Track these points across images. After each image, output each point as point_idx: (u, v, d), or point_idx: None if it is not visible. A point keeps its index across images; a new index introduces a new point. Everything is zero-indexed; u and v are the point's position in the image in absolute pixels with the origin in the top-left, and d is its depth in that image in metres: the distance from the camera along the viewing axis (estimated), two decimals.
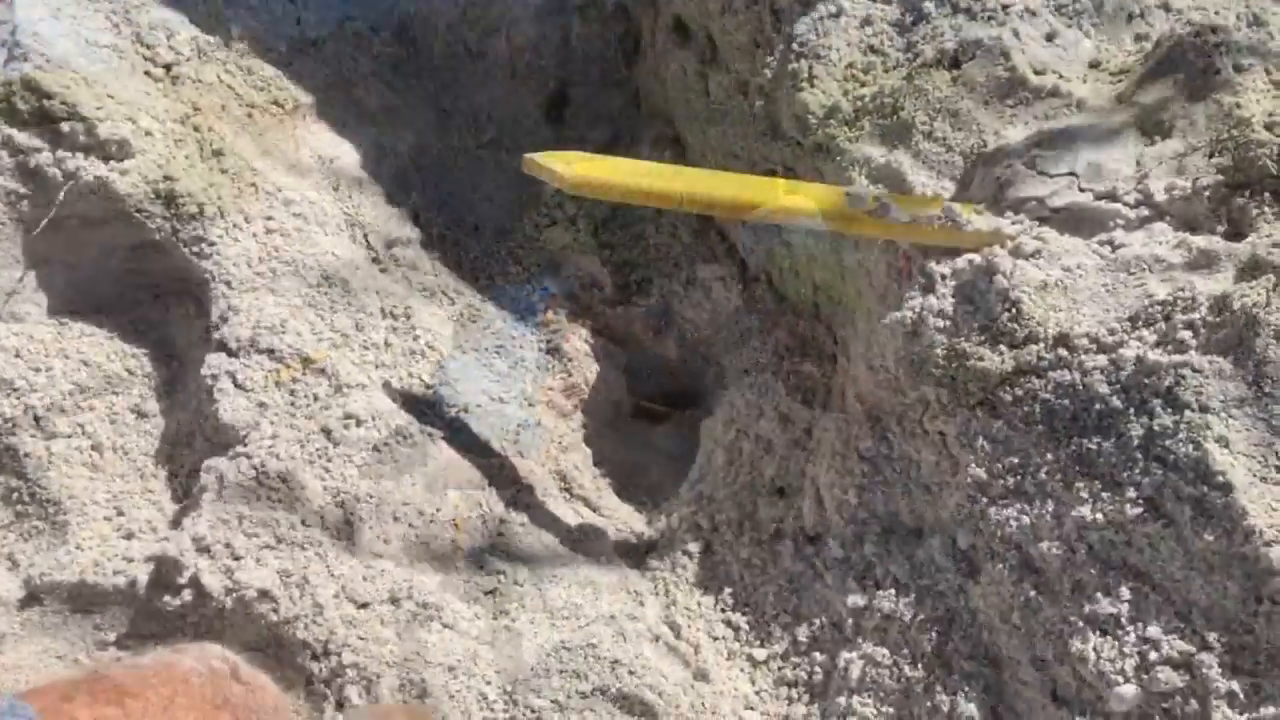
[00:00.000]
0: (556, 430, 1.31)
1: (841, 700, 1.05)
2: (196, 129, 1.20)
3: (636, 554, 1.21)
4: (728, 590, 1.16)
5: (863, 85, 1.20)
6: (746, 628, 1.13)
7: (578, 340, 1.36)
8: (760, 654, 1.12)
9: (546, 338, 1.36)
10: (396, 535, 1.07)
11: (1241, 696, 0.86)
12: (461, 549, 1.12)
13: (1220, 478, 0.88)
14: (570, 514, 1.23)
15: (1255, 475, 0.89)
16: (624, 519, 1.27)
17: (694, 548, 1.19)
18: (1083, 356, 0.97)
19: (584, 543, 1.20)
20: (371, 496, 1.08)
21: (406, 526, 1.09)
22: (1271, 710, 0.84)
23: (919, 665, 1.02)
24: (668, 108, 1.45)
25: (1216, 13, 1.16)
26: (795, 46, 1.23)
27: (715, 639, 1.13)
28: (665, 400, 1.43)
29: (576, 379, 1.35)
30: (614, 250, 1.41)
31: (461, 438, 1.20)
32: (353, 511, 1.07)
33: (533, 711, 1.01)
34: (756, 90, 1.27)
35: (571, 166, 1.08)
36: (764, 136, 1.26)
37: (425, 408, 1.19)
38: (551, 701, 1.01)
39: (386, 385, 1.17)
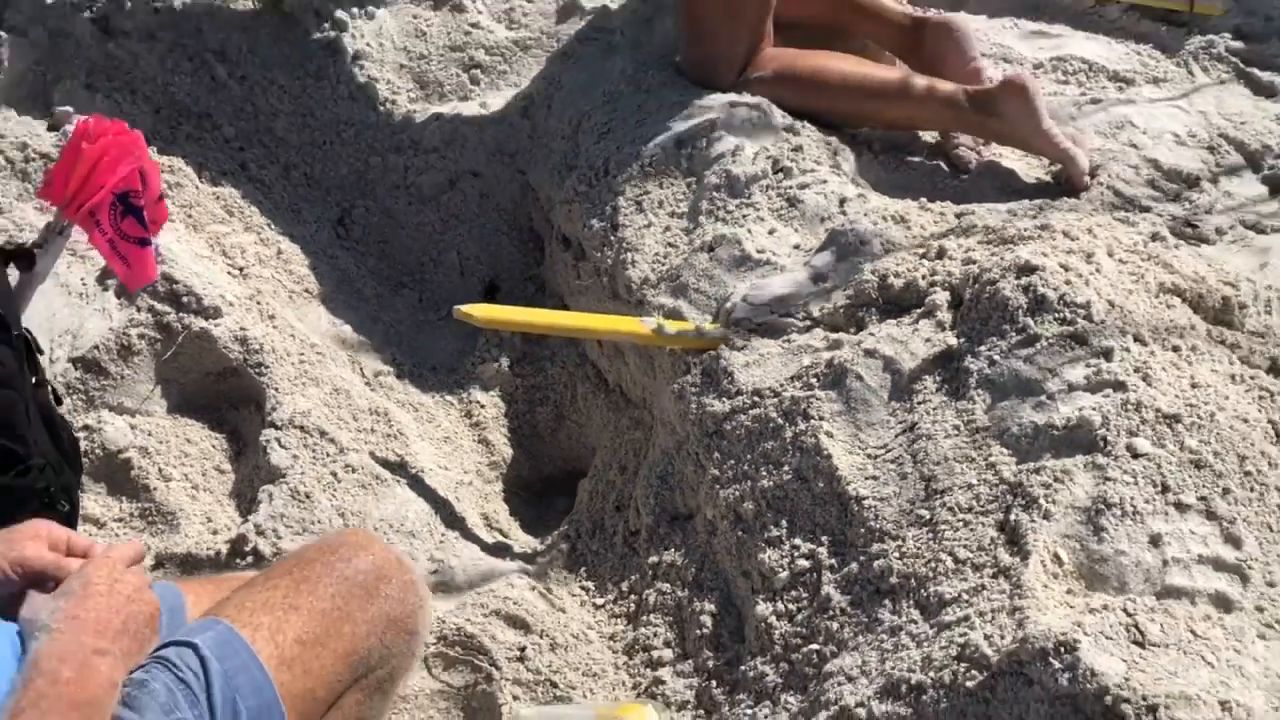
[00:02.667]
0: (484, 490, 2.03)
1: (644, 618, 1.72)
2: (259, 304, 1.98)
3: (529, 557, 1.91)
4: (582, 569, 1.85)
5: (662, 264, 1.98)
6: (593, 588, 1.82)
7: (499, 432, 2.10)
8: (599, 601, 1.79)
9: (478, 435, 2.10)
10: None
11: (840, 568, 1.54)
12: (416, 556, 1.81)
13: (827, 453, 1.59)
14: (489, 536, 1.93)
15: (845, 451, 1.60)
16: (525, 542, 1.97)
17: (564, 547, 1.89)
18: (766, 399, 1.70)
19: (497, 549, 1.90)
20: (359, 512, 1.80)
21: (385, 530, 1.79)
22: (856, 566, 1.52)
23: (686, 589, 1.70)
24: (559, 288, 2.23)
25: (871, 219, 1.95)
26: (625, 246, 2.02)
27: (573, 595, 1.81)
28: (563, 475, 2.15)
29: (497, 458, 2.08)
30: (524, 378, 2.17)
31: (419, 487, 1.91)
32: (346, 520, 1.78)
33: (456, 628, 1.68)
34: (604, 271, 2.05)
35: (483, 311, 1.86)
36: (609, 298, 2.04)
37: (396, 467, 1.91)
38: (466, 619, 1.69)
39: (371, 453, 1.90)
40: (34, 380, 1.48)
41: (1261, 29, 2.52)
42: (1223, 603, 1.29)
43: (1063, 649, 1.19)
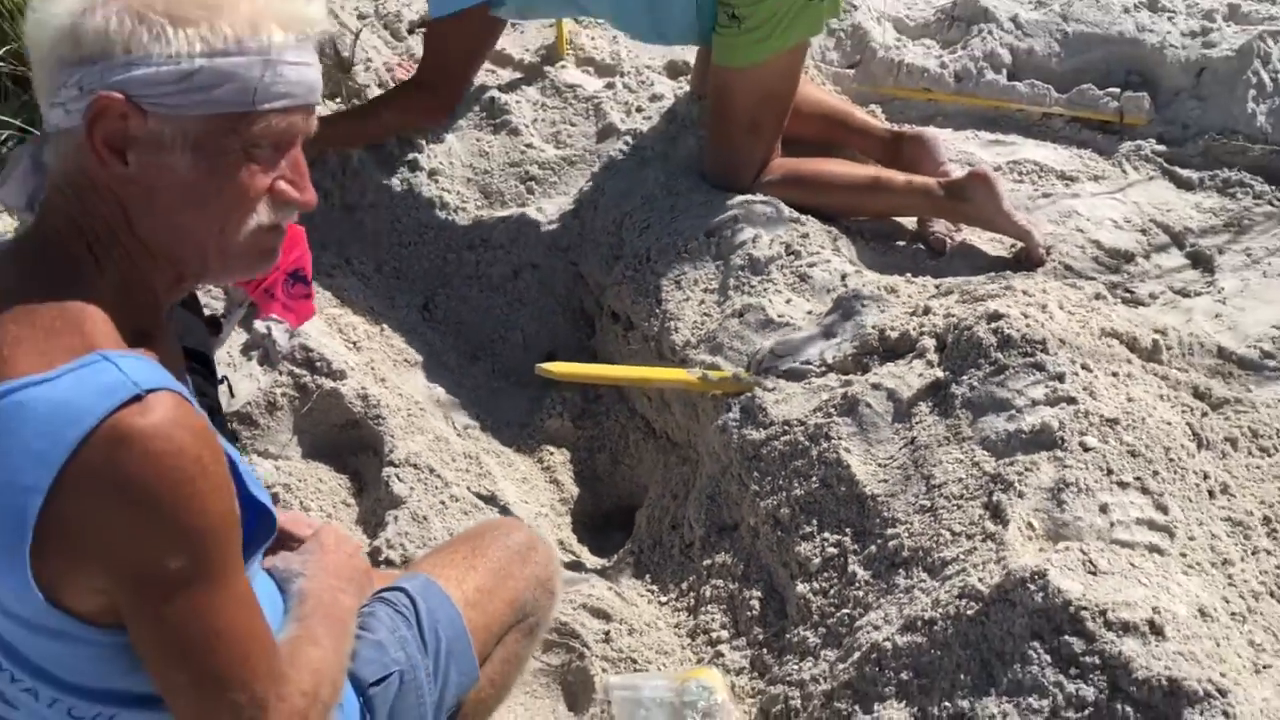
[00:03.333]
0: (556, 521, 2.44)
1: (702, 608, 2.12)
2: (372, 369, 2.41)
3: (601, 570, 2.31)
4: (647, 575, 2.25)
5: (700, 329, 2.43)
6: (657, 589, 2.21)
7: (566, 475, 2.51)
8: (664, 599, 2.19)
9: (549, 477, 2.52)
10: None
11: (862, 551, 1.94)
12: None
13: (846, 464, 2.02)
14: (565, 556, 2.33)
15: (861, 462, 2.02)
16: (595, 561, 2.37)
17: (630, 560, 2.29)
18: (794, 427, 2.13)
19: (574, 565, 2.29)
20: (454, 530, 2.20)
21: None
22: (875, 548, 1.92)
23: (736, 582, 2.10)
24: (609, 356, 2.68)
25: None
26: (668, 316, 2.47)
27: (641, 595, 2.20)
28: (619, 510, 2.56)
29: (566, 496, 2.50)
30: (584, 430, 2.60)
31: (507, 515, 2.32)
32: (452, 531, 2.18)
33: (553, 619, 2.07)
34: (651, 338, 2.50)
35: (560, 368, 2.29)
36: (656, 359, 2.48)
37: (488, 499, 2.32)
38: (559, 612, 2.08)
39: (468, 488, 2.31)
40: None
41: (1180, 135, 3.03)
42: (1155, 550, 1.71)
43: (1036, 577, 1.61)
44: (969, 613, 1.66)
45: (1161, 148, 3.00)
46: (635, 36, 2.85)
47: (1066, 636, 1.55)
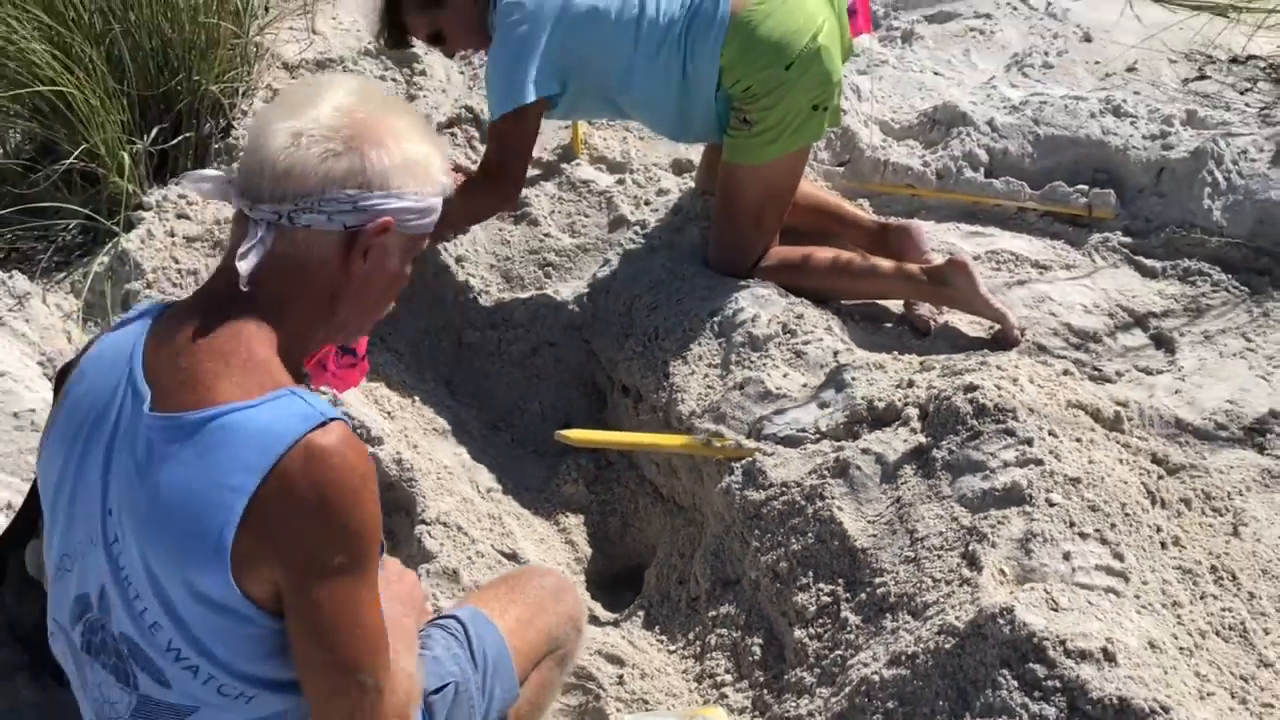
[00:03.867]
0: (571, 579, 2.64)
1: (708, 655, 2.32)
2: (406, 436, 2.64)
3: (615, 622, 2.51)
4: (656, 627, 2.45)
5: (704, 400, 2.67)
6: (666, 639, 2.41)
7: (580, 536, 2.73)
8: (672, 648, 2.39)
9: (565, 538, 2.73)
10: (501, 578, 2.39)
11: (853, 599, 2.15)
12: None
13: (839, 521, 2.23)
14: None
15: (852, 519, 2.24)
16: (607, 615, 2.57)
17: (640, 614, 2.49)
18: (792, 488, 2.35)
19: (589, 621, 2.49)
20: (480, 583, 2.40)
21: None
22: (865, 595, 2.13)
23: (739, 631, 2.31)
24: (620, 427, 2.90)
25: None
26: (674, 388, 2.71)
27: (650, 645, 2.40)
28: (628, 571, 2.76)
29: (580, 556, 2.71)
30: (597, 495, 2.81)
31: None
32: (479, 584, 2.39)
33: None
34: (659, 409, 2.73)
35: (577, 434, 2.52)
36: (664, 428, 2.71)
37: (510, 556, 2.53)
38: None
39: (492, 545, 2.52)
40: None
41: (1143, 228, 3.29)
42: (1111, 591, 1.93)
43: (1005, 612, 1.82)
44: (947, 646, 1.87)
45: (1127, 239, 3.25)
46: (662, 134, 3.11)
47: (1031, 664, 1.76)
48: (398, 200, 1.38)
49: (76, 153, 2.88)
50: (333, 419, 1.29)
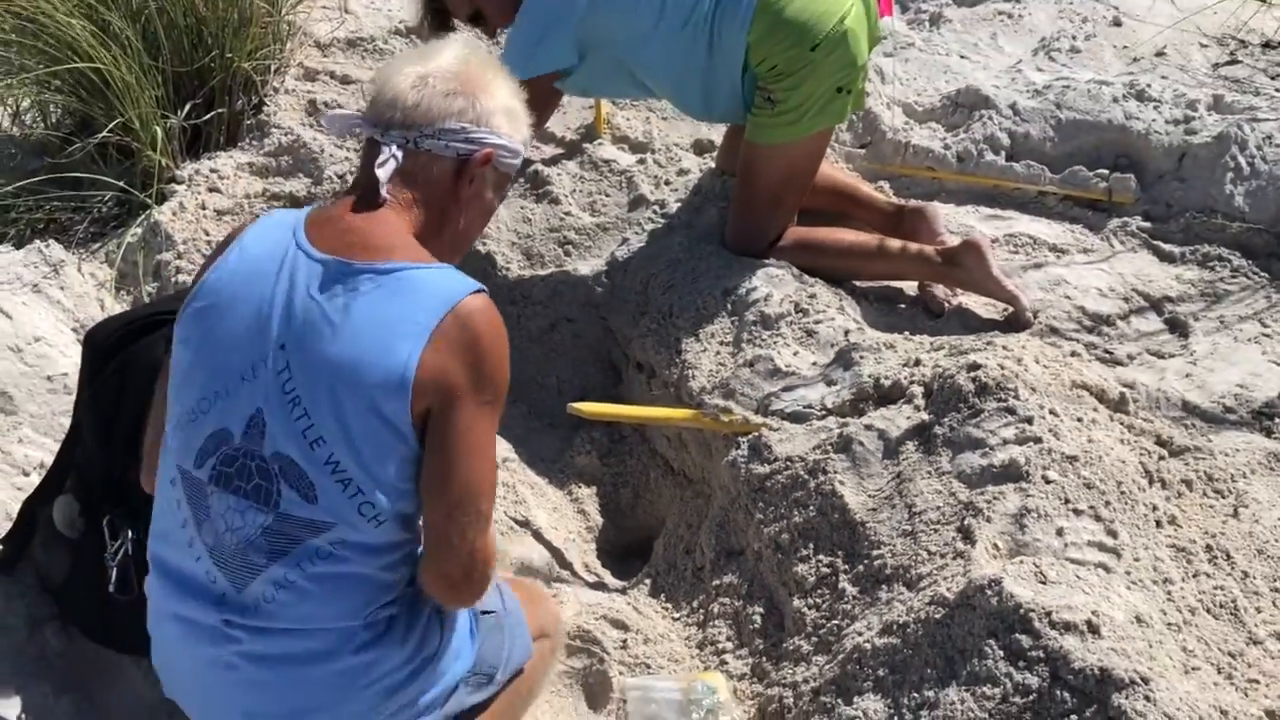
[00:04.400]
0: (583, 548, 2.70)
1: (710, 623, 2.37)
2: None
3: (621, 590, 2.57)
4: (662, 594, 2.51)
5: (715, 377, 2.71)
6: (671, 607, 2.47)
7: (592, 507, 2.79)
8: (675, 615, 2.45)
9: (577, 508, 2.79)
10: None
11: (851, 570, 2.19)
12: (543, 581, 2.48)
13: (840, 494, 2.28)
14: (589, 576, 2.60)
15: (853, 493, 2.28)
16: (615, 583, 2.63)
17: (647, 582, 2.55)
18: (796, 463, 2.39)
19: (597, 585, 2.56)
20: (502, 550, 2.47)
21: (520, 563, 2.46)
22: (862, 567, 2.18)
23: (740, 600, 2.36)
24: (634, 402, 2.96)
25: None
26: (686, 365, 2.76)
27: (655, 612, 2.46)
28: (639, 542, 2.82)
29: (592, 525, 2.77)
30: (610, 467, 2.87)
31: (540, 539, 2.59)
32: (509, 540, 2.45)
33: (575, 627, 2.33)
34: (672, 384, 2.78)
35: (590, 407, 2.58)
36: (675, 403, 2.76)
37: (522, 524, 2.59)
38: (582, 622, 2.34)
39: (504, 512, 2.59)
40: None
41: (1163, 213, 3.29)
42: (1103, 568, 1.96)
43: (993, 584, 1.86)
44: (936, 616, 1.91)
45: (1146, 224, 3.25)
46: (687, 112, 3.14)
47: (1016, 634, 1.80)
48: (496, 138, 1.68)
49: (110, 126, 2.97)
50: (482, 289, 1.60)
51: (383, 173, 1.60)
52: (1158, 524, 2.11)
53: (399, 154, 1.62)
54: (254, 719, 1.61)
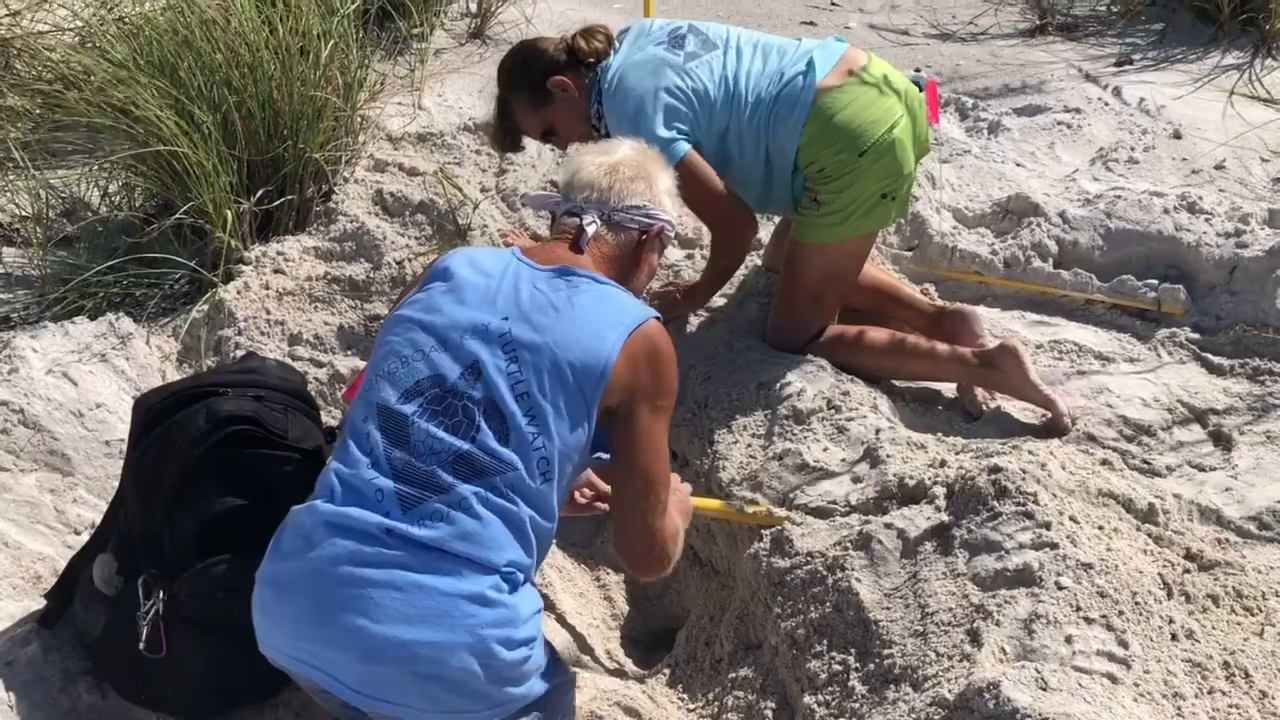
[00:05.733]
0: (606, 635, 2.73)
1: (724, 716, 2.37)
2: None
3: (640, 678, 2.58)
4: (679, 685, 2.52)
5: (744, 469, 2.74)
6: (687, 698, 2.48)
7: (619, 594, 2.82)
8: (691, 706, 2.45)
9: (604, 594, 2.82)
10: None
11: (862, 669, 2.19)
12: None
13: (856, 592, 2.28)
14: (610, 664, 2.62)
15: (869, 591, 2.28)
16: (636, 671, 2.65)
17: (666, 672, 2.57)
18: (815, 558, 2.40)
19: (616, 672, 2.58)
20: None
21: None
22: (873, 666, 2.17)
23: (755, 694, 2.36)
24: None
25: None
26: (718, 455, 2.80)
27: (671, 702, 2.47)
28: (665, 631, 2.84)
29: (618, 613, 2.79)
30: None
31: (563, 622, 2.62)
32: None
33: (589, 713, 2.35)
34: (702, 474, 2.82)
35: None
36: (705, 490, 2.79)
37: (548, 606, 2.63)
38: (596, 707, 2.36)
39: None
40: None
41: (1213, 325, 3.26)
42: (1110, 678, 1.93)
43: (991, 688, 1.85)
44: (936, 718, 1.90)
45: (1195, 335, 3.23)
46: (747, 200, 3.18)
47: None
48: (665, 215, 2.16)
49: (185, 208, 3.15)
50: (659, 317, 2.01)
51: (589, 230, 2.05)
52: (1173, 637, 2.07)
53: (598, 219, 2.07)
54: (358, 633, 1.75)
